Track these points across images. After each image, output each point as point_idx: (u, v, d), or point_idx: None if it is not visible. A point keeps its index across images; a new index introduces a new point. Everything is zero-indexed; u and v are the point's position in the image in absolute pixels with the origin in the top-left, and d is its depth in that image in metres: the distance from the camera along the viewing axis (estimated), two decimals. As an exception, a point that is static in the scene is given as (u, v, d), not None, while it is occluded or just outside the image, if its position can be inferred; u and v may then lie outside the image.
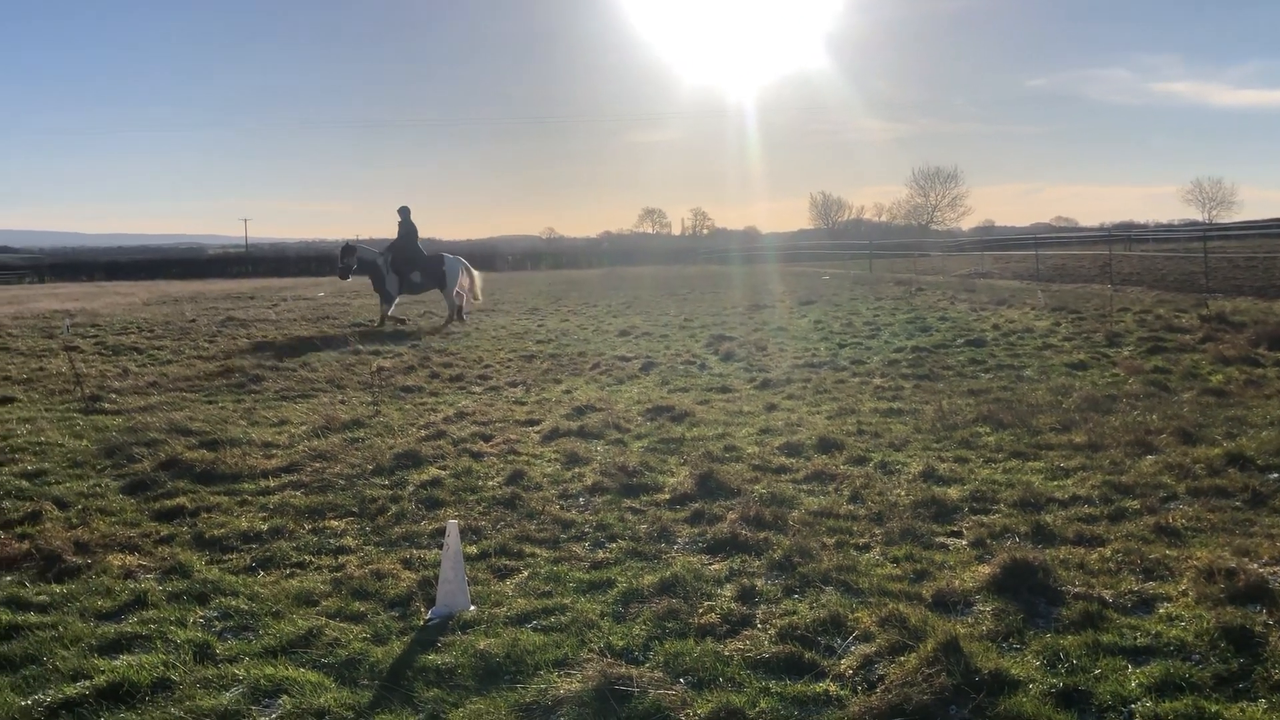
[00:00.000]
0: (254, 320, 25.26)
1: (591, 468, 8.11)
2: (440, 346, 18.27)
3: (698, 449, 8.68)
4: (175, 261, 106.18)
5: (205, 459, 8.45)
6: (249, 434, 9.70)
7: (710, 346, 17.08)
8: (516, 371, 14.69)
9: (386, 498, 7.36)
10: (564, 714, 3.97)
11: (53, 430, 10.06)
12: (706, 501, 6.98)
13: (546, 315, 26.28)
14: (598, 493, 7.40)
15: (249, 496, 7.53)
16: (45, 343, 19.73)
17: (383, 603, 5.31)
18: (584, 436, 9.42)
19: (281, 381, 13.80)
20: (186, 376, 14.33)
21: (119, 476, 8.15)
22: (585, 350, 17.25)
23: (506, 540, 6.30)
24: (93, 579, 5.74)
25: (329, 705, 4.08)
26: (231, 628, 5.03)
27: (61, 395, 12.64)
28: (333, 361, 16.01)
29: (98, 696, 4.21)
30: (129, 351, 18.08)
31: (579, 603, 5.20)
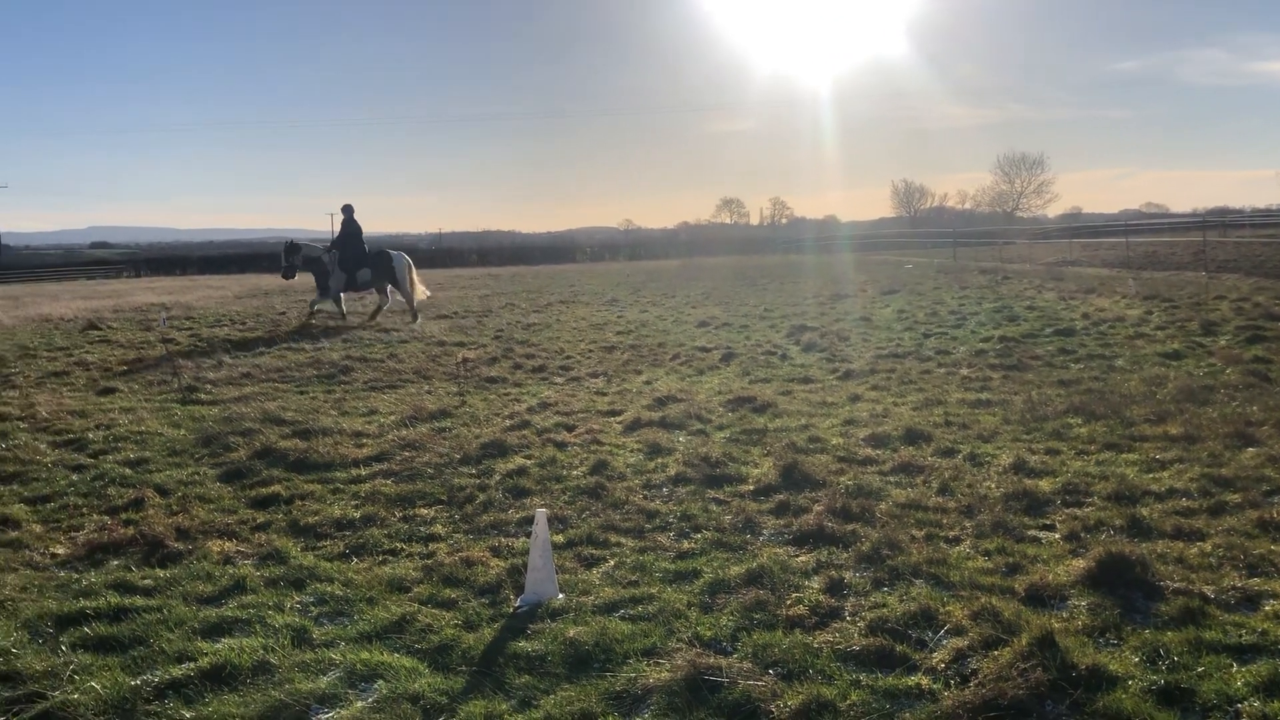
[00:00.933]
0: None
1: (674, 458, 8.12)
2: (522, 338, 18.43)
3: (781, 440, 8.63)
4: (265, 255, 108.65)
5: (298, 448, 8.66)
6: (339, 423, 9.91)
7: (791, 337, 16.97)
8: (597, 362, 14.76)
9: (474, 486, 7.47)
10: (654, 703, 3.99)
11: (152, 420, 10.39)
12: (791, 493, 6.94)
13: (625, 306, 26.35)
14: (681, 483, 7.41)
15: (341, 485, 7.69)
16: (144, 335, 20.39)
17: (473, 590, 5.39)
18: (666, 427, 9.44)
19: (370, 372, 14.06)
20: (279, 367, 14.69)
21: (216, 465, 8.39)
22: (665, 341, 17.27)
23: (592, 529, 6.34)
24: (194, 564, 5.92)
25: (423, 690, 4.16)
26: (327, 613, 5.15)
27: (159, 386, 13.05)
28: (419, 353, 16.26)
29: (202, 678, 4.35)
30: (223, 343, 18.58)
31: (665, 592, 5.21)
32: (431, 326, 21.20)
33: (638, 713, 3.95)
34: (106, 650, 4.70)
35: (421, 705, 4.05)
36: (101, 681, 4.32)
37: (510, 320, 22.72)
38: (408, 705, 4.03)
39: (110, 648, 4.73)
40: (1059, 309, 19.59)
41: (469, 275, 58.33)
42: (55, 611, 5.15)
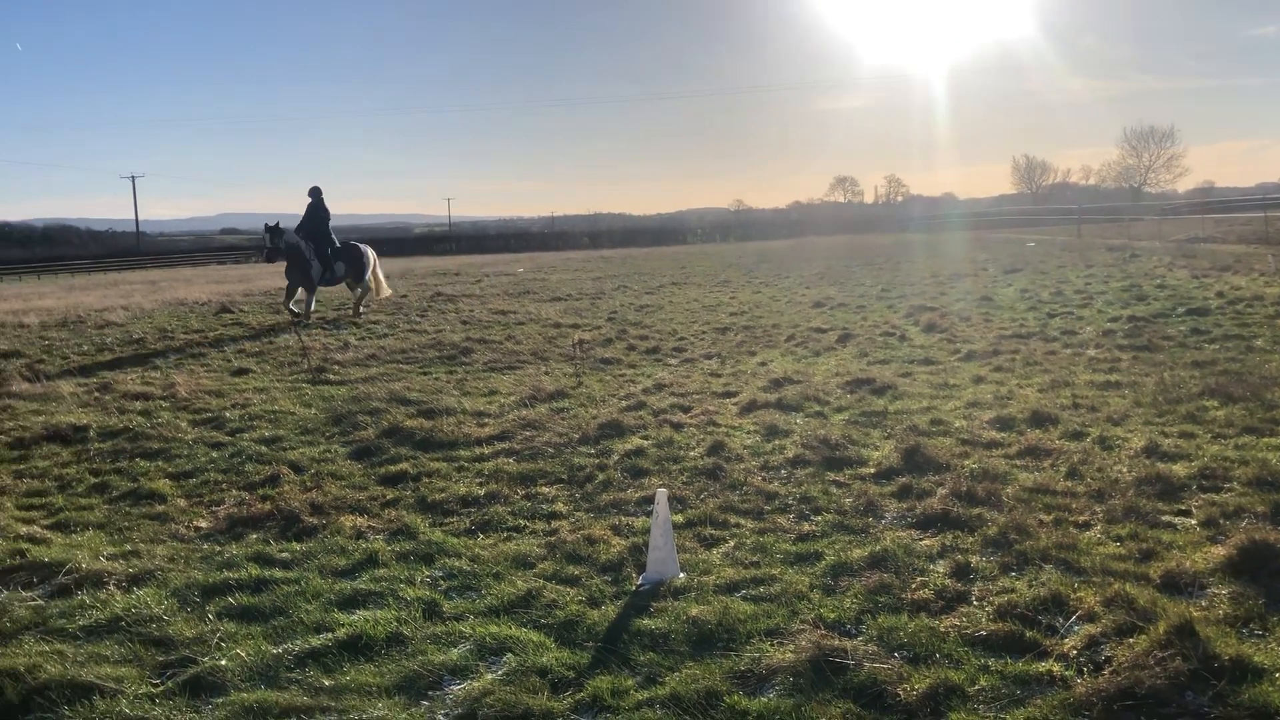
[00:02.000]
0: (460, 295, 26.27)
1: (792, 440, 8.08)
2: (635, 320, 18.54)
3: (902, 422, 8.51)
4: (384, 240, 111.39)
5: (423, 427, 8.90)
6: (462, 403, 10.14)
7: (910, 317, 16.67)
8: (711, 344, 14.75)
9: (593, 466, 7.56)
10: (779, 683, 4.00)
11: (284, 399, 10.80)
12: (914, 476, 6.84)
13: (738, 288, 26.24)
14: (800, 465, 7.37)
15: (465, 463, 7.88)
16: (273, 318, 21.15)
17: (595, 567, 5.47)
18: (783, 409, 9.39)
19: (489, 354, 14.34)
20: (402, 349, 15.08)
21: (346, 443, 8.68)
22: (779, 322, 17.15)
23: (711, 510, 6.37)
24: (328, 538, 6.15)
25: (550, 664, 4.25)
26: (456, 587, 5.30)
27: (290, 366, 13.54)
28: (535, 335, 16.51)
29: (339, 648, 4.52)
30: (348, 326, 19.16)
31: (787, 574, 5.21)
32: (547, 309, 21.46)
33: (763, 692, 3.97)
34: (249, 619, 4.92)
35: (549, 679, 4.14)
36: (246, 649, 4.53)
37: (623, 302, 22.84)
38: (536, 678, 4.12)
39: (253, 617, 4.96)
40: (1191, 287, 18.80)
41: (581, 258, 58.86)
42: (201, 581, 5.42)
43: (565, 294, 25.81)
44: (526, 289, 28.50)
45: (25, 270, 77.74)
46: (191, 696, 4.13)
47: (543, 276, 35.33)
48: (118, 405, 10.69)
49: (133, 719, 3.93)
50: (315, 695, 4.07)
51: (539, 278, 34.50)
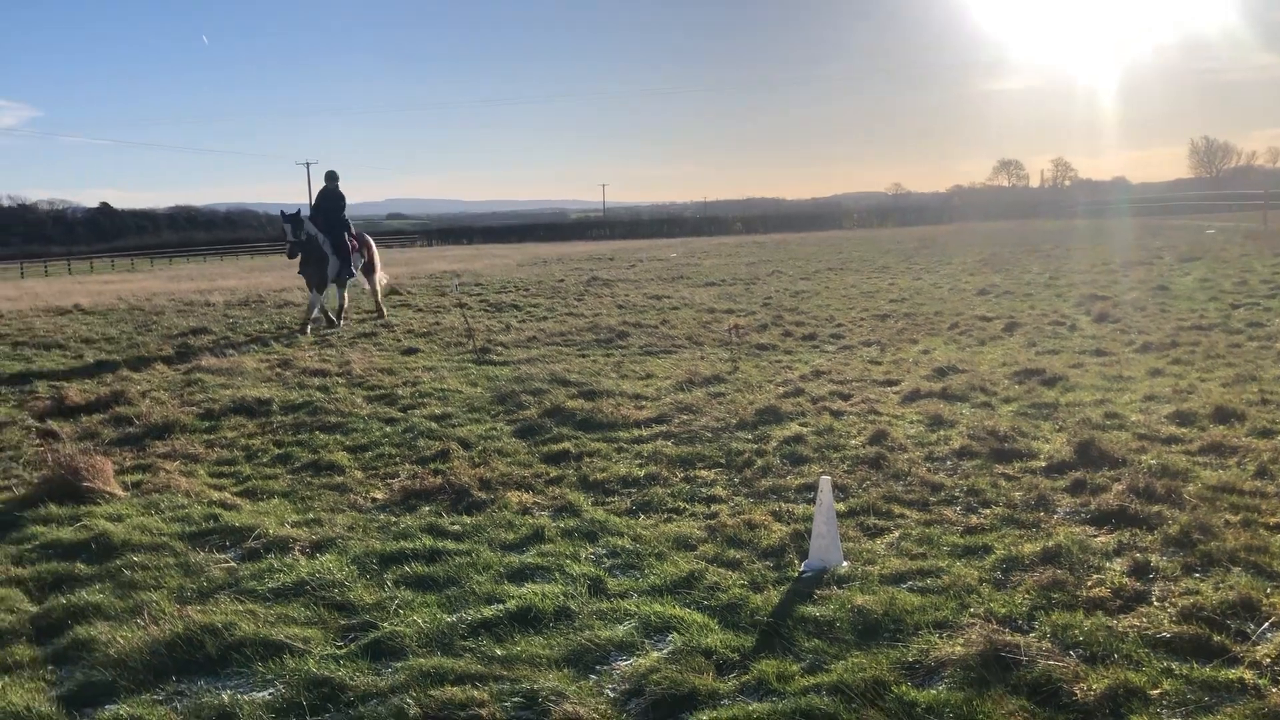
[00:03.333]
0: (615, 280, 26.59)
1: (958, 430, 7.89)
2: (791, 305, 18.38)
3: (1074, 415, 8.20)
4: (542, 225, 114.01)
5: (584, 408, 9.06)
6: (620, 386, 10.28)
7: (1081, 306, 16.01)
8: (870, 331, 14.52)
9: (752, 451, 7.56)
10: (948, 676, 3.93)
11: (452, 378, 11.16)
12: (1088, 470, 6.58)
13: (897, 274, 25.70)
14: (966, 456, 7.19)
15: (624, 444, 7.99)
16: (438, 300, 21.88)
17: (756, 552, 5.48)
18: (947, 398, 9.17)
19: (644, 338, 14.47)
20: (561, 332, 15.38)
21: (510, 421, 8.91)
22: (941, 309, 16.74)
23: (874, 499, 6.28)
24: (496, 513, 6.34)
25: (715, 646, 4.28)
26: (619, 565, 5.39)
27: (456, 347, 13.98)
28: (690, 319, 16.57)
29: (510, 619, 4.67)
30: (509, 308, 19.66)
31: (955, 566, 5.10)
32: (700, 294, 21.49)
33: (931, 684, 3.91)
34: (424, 588, 5.13)
35: (714, 660, 4.18)
36: (422, 616, 4.72)
37: (778, 288, 22.68)
38: (701, 659, 4.16)
39: (427, 586, 5.16)
40: (1398, 278, 17.43)
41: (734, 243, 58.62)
42: (379, 550, 5.67)
43: (719, 279, 25.79)
44: (680, 274, 28.61)
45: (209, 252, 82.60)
46: (372, 659, 4.34)
47: (696, 261, 35.40)
48: (297, 380, 11.26)
49: (319, 678, 4.14)
50: (488, 664, 4.21)
51: (692, 263, 34.59)
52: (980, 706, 3.67)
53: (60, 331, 17.70)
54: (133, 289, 30.27)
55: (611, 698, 3.94)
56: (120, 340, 16.21)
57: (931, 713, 3.68)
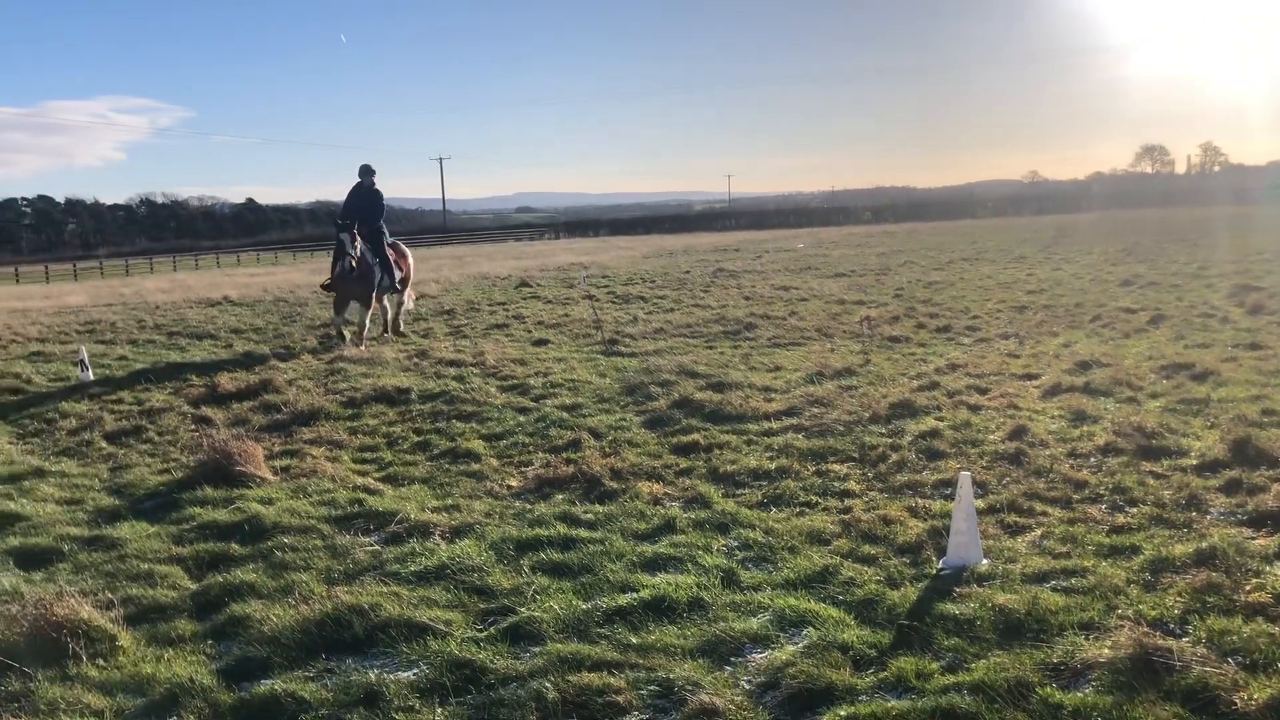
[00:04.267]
0: (742, 271, 26.50)
1: (1102, 426, 7.61)
2: (924, 297, 18.00)
3: (1227, 411, 7.82)
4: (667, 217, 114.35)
5: (713, 400, 9.06)
6: (748, 378, 10.24)
7: (1233, 297, 15.26)
8: (1007, 323, 14.12)
9: (886, 445, 7.44)
10: (1095, 679, 3.80)
11: (581, 369, 11.30)
12: (1244, 469, 6.27)
13: (1035, 264, 24.92)
14: (1111, 453, 6.93)
15: (754, 436, 7.96)
16: (567, 291, 22.17)
17: (892, 548, 5.40)
18: (1090, 393, 8.86)
19: (772, 329, 14.38)
20: (688, 323, 15.42)
21: (639, 412, 8.98)
22: (1082, 301, 16.16)
23: (1014, 496, 6.11)
24: (628, 502, 6.40)
25: (851, 641, 4.24)
26: (752, 558, 5.38)
27: (584, 338, 14.15)
28: (819, 311, 16.39)
29: (644, 608, 4.70)
30: (636, 300, 19.78)
31: (1101, 566, 4.93)
32: (829, 285, 21.23)
33: (1077, 687, 3.79)
34: (560, 575, 5.21)
35: (851, 655, 4.14)
36: (558, 602, 4.81)
37: (910, 278, 22.25)
38: (838, 654, 4.13)
39: (562, 572, 5.24)
40: None
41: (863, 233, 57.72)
42: (515, 537, 5.79)
43: (848, 270, 25.45)
44: (808, 264, 28.33)
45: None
46: (512, 643, 4.43)
47: (824, 252, 35.00)
48: (434, 370, 11.57)
49: (461, 660, 4.26)
50: (624, 651, 4.26)
51: (820, 253, 34.20)
52: (1130, 712, 3.54)
53: (211, 322, 18.60)
54: (277, 281, 31.57)
55: (747, 689, 3.94)
56: (267, 331, 16.93)
57: (1078, 716, 3.57)
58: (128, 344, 15.86)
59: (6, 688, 4.13)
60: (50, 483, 7.49)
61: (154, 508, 6.81)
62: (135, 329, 17.93)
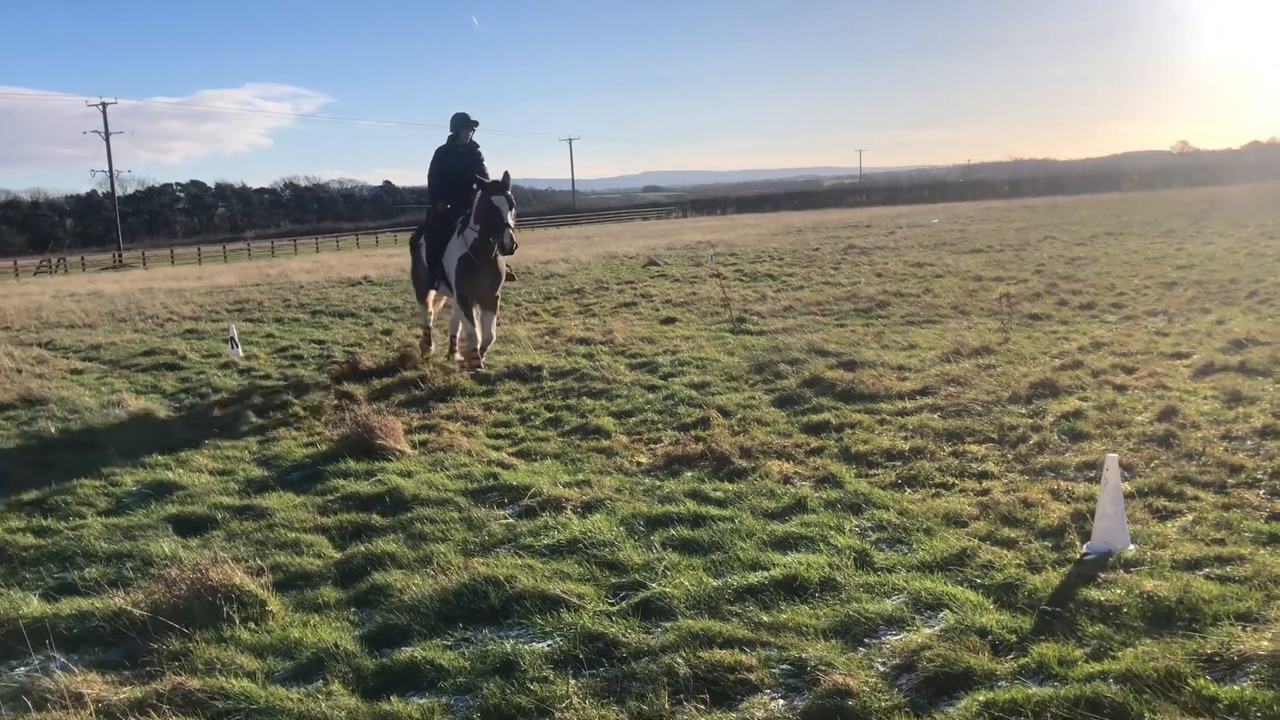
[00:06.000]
0: (873, 248, 26.01)
1: (1259, 408, 7.22)
2: (1065, 273, 17.35)
3: (1403, 393, 7.32)
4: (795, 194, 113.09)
5: (844, 378, 8.93)
6: (881, 356, 10.06)
7: None
8: (1155, 300, 13.51)
9: (1026, 426, 7.21)
10: (1254, 672, 3.61)
11: (709, 347, 11.28)
12: None
13: (1185, 238, 23.75)
14: (1270, 436, 6.57)
15: (887, 416, 7.82)
16: (694, 270, 22.13)
17: (1033, 531, 5.23)
18: (1246, 373, 8.41)
19: (906, 307, 14.09)
20: (817, 301, 15.22)
21: (769, 391, 8.91)
22: (1237, 277, 15.34)
23: (1164, 480, 5.85)
24: (757, 481, 6.36)
25: (990, 626, 4.13)
26: (885, 539, 5.29)
27: (712, 316, 14.11)
28: (955, 288, 15.98)
29: (774, 586, 4.67)
30: (764, 278, 19.63)
31: (1259, 555, 4.67)
32: (965, 261, 20.65)
33: (1234, 680, 3.61)
34: (689, 551, 5.22)
35: (990, 640, 4.03)
36: (689, 579, 4.81)
37: (1051, 254, 21.49)
38: (975, 638, 4.02)
39: (692, 549, 5.25)
40: None
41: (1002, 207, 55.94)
42: (645, 513, 5.82)
43: (985, 245, 24.71)
44: (942, 240, 27.63)
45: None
46: (643, 618, 4.46)
47: (959, 228, 34.06)
48: (565, 348, 11.72)
49: (594, 633, 4.30)
50: (755, 630, 4.24)
51: (955, 229, 33.31)
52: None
53: (352, 301, 19.23)
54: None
55: (882, 671, 3.88)
56: (404, 310, 17.41)
57: (1235, 710, 3.40)
58: (274, 322, 16.54)
59: (168, 647, 4.36)
60: (204, 454, 7.87)
61: (300, 479, 7.09)
62: (281, 307, 18.68)
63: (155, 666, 4.22)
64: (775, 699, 3.75)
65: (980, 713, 3.49)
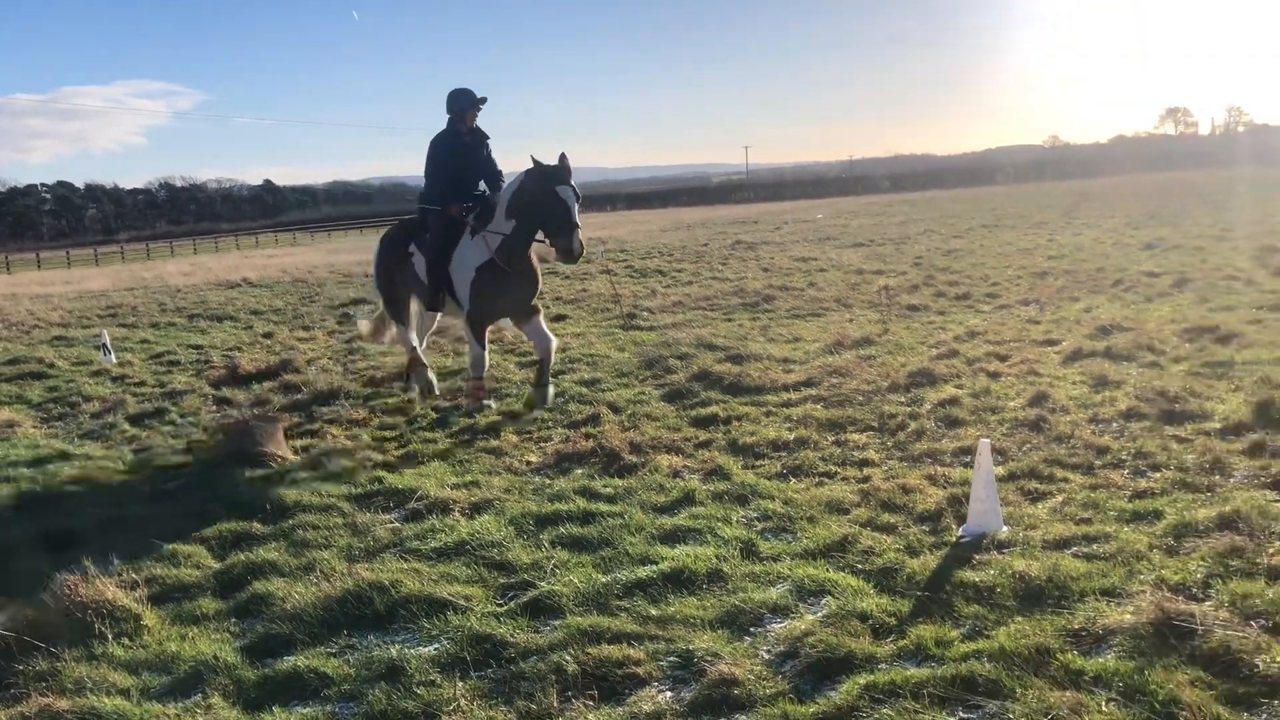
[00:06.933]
0: (760, 243, 26.39)
1: (1124, 391, 7.55)
2: (943, 265, 17.88)
3: (1252, 374, 7.74)
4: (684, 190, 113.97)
5: (731, 372, 9.04)
6: (767, 350, 10.21)
7: (1258, 260, 15.09)
8: (1028, 289, 14.02)
9: (905, 414, 7.40)
10: (1117, 644, 3.78)
11: (600, 344, 11.30)
12: (1268, 432, 6.21)
13: (1056, 229, 24.71)
14: (1133, 418, 6.88)
15: (773, 408, 7.94)
16: (585, 267, 22.09)
17: (911, 516, 5.38)
18: (1112, 358, 8.79)
19: (791, 301, 14.33)
20: (706, 296, 15.37)
21: (658, 385, 8.97)
22: (1104, 266, 16.02)
23: (1035, 463, 6.07)
24: (647, 476, 6.39)
25: (871, 610, 4.23)
26: (771, 529, 5.37)
27: (603, 313, 14.14)
28: (838, 281, 16.32)
29: (663, 580, 4.70)
30: (654, 274, 19.75)
31: (1122, 532, 4.89)
32: (848, 255, 21.13)
33: (1099, 653, 3.77)
34: (579, 549, 5.22)
35: (870, 624, 4.13)
36: (578, 576, 4.81)
37: (929, 246, 22.12)
38: (857, 622, 4.12)
39: (582, 546, 5.25)
40: None
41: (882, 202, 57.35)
42: (534, 512, 5.79)
43: (867, 239, 25.30)
44: (826, 235, 28.19)
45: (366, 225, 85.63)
46: (531, 617, 4.45)
47: (843, 222, 34.80)
48: (453, 348, 11.59)
49: (482, 634, 4.27)
50: (643, 623, 4.27)
51: (839, 224, 34.01)
52: (1152, 676, 3.51)
53: (231, 304, 18.70)
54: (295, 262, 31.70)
55: (767, 659, 3.94)
56: (286, 311, 17.01)
57: (1100, 682, 3.55)
58: (149, 327, 15.98)
59: (34, 667, 4.17)
60: (74, 465, 7.55)
61: (177, 488, 6.86)
62: (157, 312, 18.05)
63: (20, 689, 4.03)
64: (663, 691, 3.77)
65: (860, 696, 3.57)
